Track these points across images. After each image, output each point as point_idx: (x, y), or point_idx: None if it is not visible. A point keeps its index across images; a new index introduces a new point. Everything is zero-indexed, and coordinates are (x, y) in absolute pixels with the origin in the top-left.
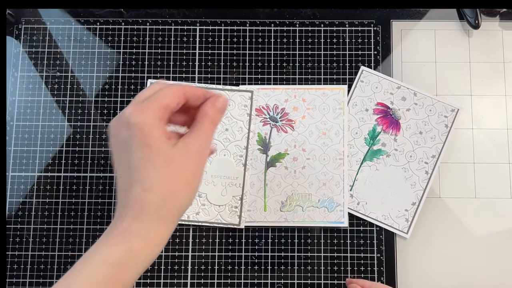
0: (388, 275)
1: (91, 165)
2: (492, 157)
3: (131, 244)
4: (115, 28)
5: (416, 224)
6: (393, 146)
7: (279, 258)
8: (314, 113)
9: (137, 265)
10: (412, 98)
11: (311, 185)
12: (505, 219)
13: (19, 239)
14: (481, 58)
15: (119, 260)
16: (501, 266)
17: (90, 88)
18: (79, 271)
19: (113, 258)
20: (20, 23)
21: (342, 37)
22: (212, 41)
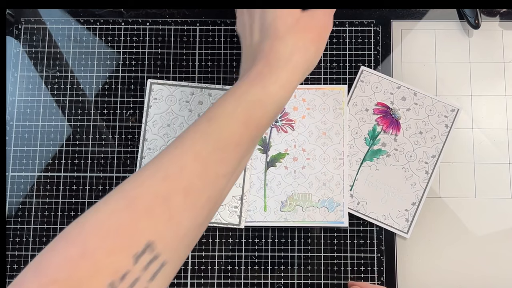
0: (388, 275)
1: (91, 165)
2: (492, 157)
3: (264, 83)
4: (115, 28)
5: (416, 224)
6: (393, 146)
7: (279, 258)
8: (314, 113)
9: (272, 106)
10: (412, 98)
11: (311, 185)
12: (505, 219)
13: (19, 239)
14: (481, 58)
15: (254, 97)
16: (501, 266)
17: (90, 88)
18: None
19: (250, 94)
20: (20, 23)
21: (342, 37)
22: (212, 41)
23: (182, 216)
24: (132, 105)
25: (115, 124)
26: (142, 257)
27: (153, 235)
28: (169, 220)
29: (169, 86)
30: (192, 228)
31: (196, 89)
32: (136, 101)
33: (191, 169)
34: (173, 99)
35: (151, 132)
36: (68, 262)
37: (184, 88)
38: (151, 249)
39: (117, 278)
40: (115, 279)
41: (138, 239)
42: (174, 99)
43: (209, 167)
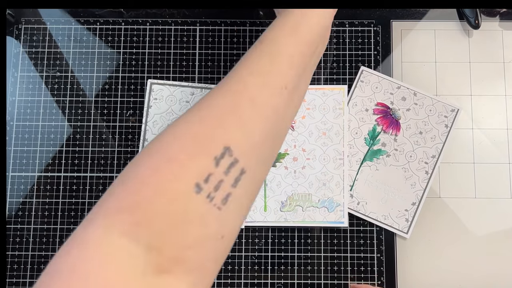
0: (388, 275)
1: (91, 165)
2: (492, 157)
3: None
4: (115, 28)
5: (416, 224)
6: (393, 146)
7: (279, 258)
8: (314, 113)
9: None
10: (412, 98)
11: (311, 185)
12: (505, 219)
13: (19, 239)
14: (481, 58)
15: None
16: (501, 266)
17: (90, 88)
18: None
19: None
20: (20, 23)
21: (342, 37)
22: (212, 41)
23: (252, 124)
24: (132, 105)
25: (115, 124)
26: (222, 160)
27: (229, 140)
28: (241, 127)
29: (169, 86)
30: (263, 138)
31: (196, 89)
32: (136, 101)
33: (252, 82)
34: (173, 99)
35: (151, 132)
36: (153, 167)
37: (184, 88)
38: (230, 153)
39: (202, 180)
40: (199, 181)
41: (216, 143)
42: (174, 99)
43: (268, 78)
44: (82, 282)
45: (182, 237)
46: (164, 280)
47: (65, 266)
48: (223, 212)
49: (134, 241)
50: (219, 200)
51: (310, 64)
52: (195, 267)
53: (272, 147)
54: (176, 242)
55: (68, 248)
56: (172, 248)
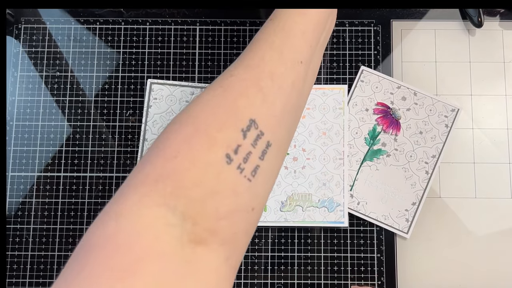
0: (388, 275)
1: (91, 165)
2: (492, 157)
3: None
4: (115, 28)
5: (416, 224)
6: (393, 146)
7: (279, 258)
8: (314, 113)
9: (317, 13)
10: (412, 98)
11: (311, 185)
12: (505, 219)
13: (19, 239)
14: (482, 58)
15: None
16: (501, 266)
17: (90, 88)
18: (276, 11)
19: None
20: (19, 23)
21: (342, 37)
22: (212, 41)
23: (274, 97)
24: (132, 105)
25: (115, 124)
26: (249, 132)
27: (253, 113)
28: (263, 100)
29: (169, 86)
30: (284, 112)
31: (196, 89)
32: (136, 101)
33: (269, 57)
34: (173, 99)
35: (151, 132)
36: (184, 138)
37: (184, 88)
38: (255, 126)
39: (231, 151)
40: (229, 152)
41: (242, 116)
42: (174, 99)
43: (284, 53)
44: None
45: (216, 207)
46: (200, 251)
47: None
48: (252, 184)
49: (170, 211)
50: (248, 172)
51: (321, 41)
52: (228, 239)
53: (292, 121)
54: (210, 213)
55: (104, 220)
56: (206, 218)
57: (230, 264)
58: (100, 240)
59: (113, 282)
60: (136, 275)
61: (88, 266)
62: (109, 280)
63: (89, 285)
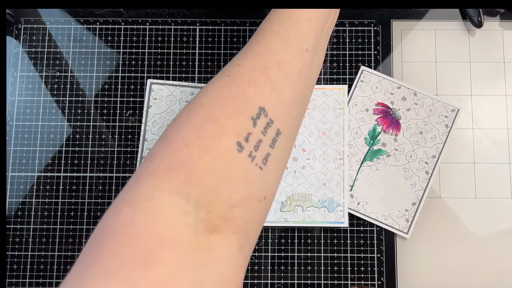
0: (388, 275)
1: (91, 165)
2: (492, 157)
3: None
4: (115, 28)
5: (416, 224)
6: (393, 146)
7: (279, 258)
8: (314, 113)
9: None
10: (412, 98)
11: (311, 185)
12: (505, 219)
13: (19, 239)
14: (482, 58)
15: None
16: (501, 266)
17: (90, 88)
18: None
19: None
20: (19, 23)
21: (342, 37)
22: (212, 41)
23: (282, 86)
24: (132, 105)
25: (115, 124)
26: (259, 120)
27: (262, 101)
28: (272, 89)
29: (169, 86)
30: (292, 100)
31: (196, 89)
32: (136, 101)
33: (276, 46)
34: (173, 99)
35: (151, 132)
36: (194, 127)
37: (184, 88)
38: (265, 114)
39: (242, 139)
40: (240, 140)
41: (251, 104)
42: (174, 99)
43: (290, 41)
44: (138, 242)
45: (229, 195)
46: (214, 239)
47: (118, 227)
48: (264, 172)
49: (184, 199)
50: (259, 160)
51: (325, 29)
52: (241, 227)
53: (299, 110)
54: (223, 200)
55: (118, 208)
56: (220, 206)
57: (243, 253)
58: (115, 230)
59: (130, 272)
60: (152, 265)
61: (104, 256)
62: (126, 270)
63: (107, 275)
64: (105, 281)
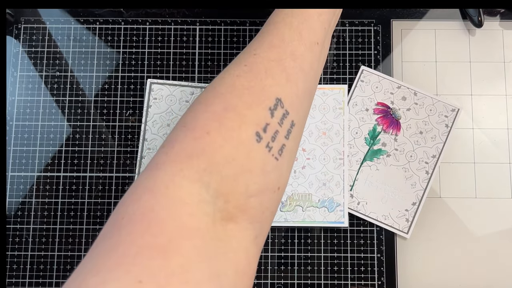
0: (388, 275)
1: (91, 165)
2: (492, 157)
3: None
4: (115, 28)
5: (416, 224)
6: (393, 146)
7: (279, 258)
8: (314, 113)
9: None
10: (413, 98)
11: (311, 185)
12: (505, 219)
13: (19, 239)
14: (482, 58)
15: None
16: (501, 266)
17: (90, 88)
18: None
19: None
20: (19, 23)
21: (342, 37)
22: (212, 41)
23: (296, 77)
24: (132, 105)
25: (115, 124)
26: (276, 111)
27: (279, 92)
28: (287, 80)
29: (169, 86)
30: (304, 92)
31: (196, 89)
32: (136, 101)
33: (289, 38)
34: (173, 99)
35: (151, 132)
36: (215, 116)
37: (184, 88)
38: (281, 105)
39: (261, 129)
40: (259, 130)
41: (268, 94)
42: (174, 99)
43: (303, 34)
44: (158, 229)
45: (247, 185)
46: (231, 229)
47: (138, 211)
48: (279, 163)
49: (204, 187)
50: (276, 151)
51: (331, 24)
52: (257, 217)
53: (310, 102)
54: (241, 190)
55: (138, 194)
56: (237, 196)
57: (257, 243)
58: (134, 216)
59: (149, 261)
60: (172, 255)
61: (124, 242)
62: (145, 259)
63: (126, 263)
64: (123, 269)
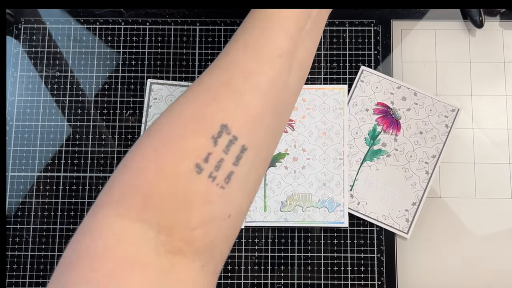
0: (388, 275)
1: (91, 165)
2: (492, 157)
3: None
4: (115, 28)
5: (416, 224)
6: (393, 146)
7: (279, 258)
8: (314, 113)
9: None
10: (413, 98)
11: (311, 185)
12: (505, 219)
13: (19, 239)
14: (482, 58)
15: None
16: (501, 266)
17: (90, 88)
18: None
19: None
20: (19, 23)
21: (342, 37)
22: (212, 41)
23: (249, 98)
24: (132, 105)
25: (115, 124)
26: (220, 138)
27: (225, 117)
28: (236, 102)
29: (169, 86)
30: (262, 111)
31: None
32: (136, 101)
33: (243, 54)
34: (173, 99)
35: None
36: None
37: (184, 88)
38: (227, 131)
39: (201, 160)
40: (199, 161)
41: (212, 121)
42: (174, 99)
43: (258, 47)
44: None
45: (189, 217)
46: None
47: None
48: (227, 191)
49: (144, 223)
50: (221, 179)
51: (306, 28)
52: (204, 247)
53: (275, 120)
54: (183, 223)
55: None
56: (180, 229)
57: (207, 271)
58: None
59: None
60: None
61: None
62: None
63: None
64: None
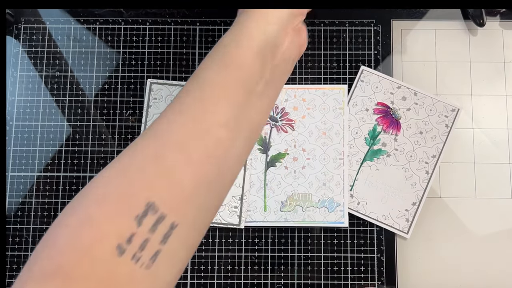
0: (388, 275)
1: (91, 165)
2: (492, 157)
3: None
4: (115, 28)
5: (416, 224)
6: (393, 146)
7: (279, 258)
8: (314, 113)
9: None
10: (413, 98)
11: (311, 185)
12: (505, 219)
13: (19, 239)
14: (482, 58)
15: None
16: (501, 266)
17: (89, 88)
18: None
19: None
20: (19, 23)
21: (342, 37)
22: (212, 41)
23: (181, 172)
24: (132, 105)
25: (115, 124)
26: (146, 218)
27: (152, 196)
28: (166, 178)
29: (169, 86)
30: (199, 186)
31: None
32: (136, 101)
33: (179, 123)
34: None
35: None
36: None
37: None
38: (154, 210)
39: (123, 241)
40: (121, 242)
41: (137, 201)
42: None
43: (196, 116)
44: None
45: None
46: None
47: None
48: (153, 270)
49: None
50: (146, 259)
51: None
52: None
53: (212, 193)
54: None
55: None
56: None
57: None
58: None
59: None
60: None
61: None
62: None
63: None
64: None
